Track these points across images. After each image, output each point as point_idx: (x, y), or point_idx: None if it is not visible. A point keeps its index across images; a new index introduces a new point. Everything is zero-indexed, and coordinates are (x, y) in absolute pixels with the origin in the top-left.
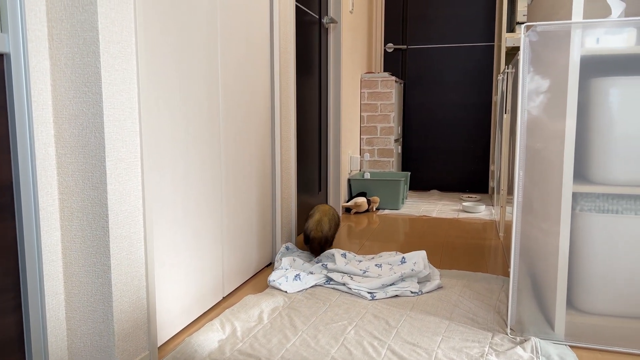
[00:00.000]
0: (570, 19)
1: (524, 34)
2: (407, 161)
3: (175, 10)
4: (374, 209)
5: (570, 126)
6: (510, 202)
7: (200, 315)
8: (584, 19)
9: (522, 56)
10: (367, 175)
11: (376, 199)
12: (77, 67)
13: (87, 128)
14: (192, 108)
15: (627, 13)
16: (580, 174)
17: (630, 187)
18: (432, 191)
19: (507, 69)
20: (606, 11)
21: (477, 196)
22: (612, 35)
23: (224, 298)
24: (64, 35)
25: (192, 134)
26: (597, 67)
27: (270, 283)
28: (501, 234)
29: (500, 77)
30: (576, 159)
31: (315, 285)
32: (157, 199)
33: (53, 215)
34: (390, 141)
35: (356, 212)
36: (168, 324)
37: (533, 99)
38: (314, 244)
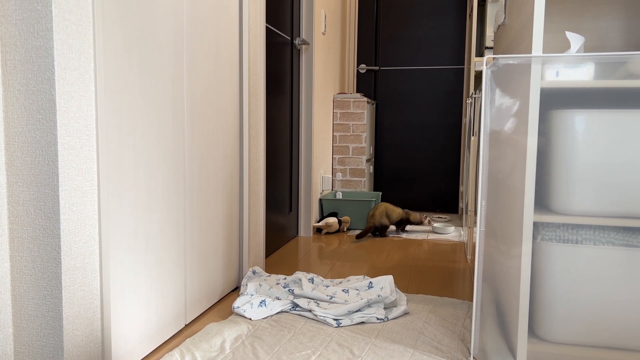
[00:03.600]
0: (531, 52)
1: (485, 66)
2: (379, 181)
3: (139, 34)
4: (345, 229)
5: (531, 157)
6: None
7: (161, 345)
8: (545, 51)
9: (484, 89)
10: (339, 195)
11: (347, 219)
12: (31, 94)
13: (40, 156)
14: (156, 132)
15: (586, 47)
16: (542, 203)
17: (589, 217)
18: None
19: (475, 93)
20: (567, 44)
21: (447, 216)
22: (572, 68)
23: (186, 326)
24: (17, 61)
25: (155, 158)
26: (558, 99)
27: (235, 310)
28: (469, 257)
29: (469, 101)
30: (538, 188)
31: (281, 312)
32: (116, 226)
33: (2, 246)
34: (362, 161)
35: (327, 233)
36: (126, 355)
37: (496, 128)
38: (370, 230)
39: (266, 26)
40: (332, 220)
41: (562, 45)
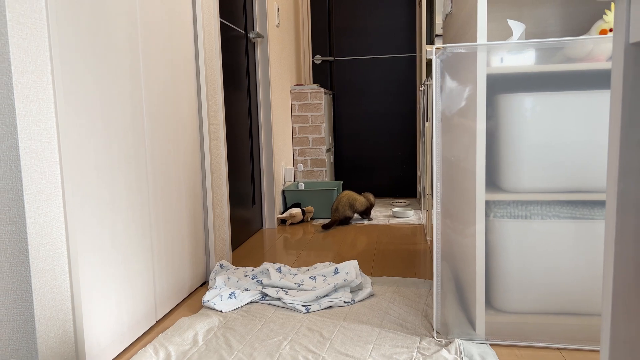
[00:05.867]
0: (477, 41)
1: (435, 55)
2: (339, 170)
3: (94, 36)
4: (309, 219)
5: (480, 140)
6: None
7: (133, 342)
8: (489, 39)
9: (435, 78)
10: (301, 186)
11: (310, 208)
12: None
13: (1, 161)
14: (116, 133)
15: (527, 33)
16: (494, 183)
17: (536, 194)
18: None
19: (428, 80)
20: (509, 31)
21: (407, 201)
22: (515, 55)
23: (157, 322)
24: None
25: (116, 158)
26: (503, 84)
27: (205, 303)
28: (429, 238)
29: (422, 88)
30: (489, 169)
31: (251, 302)
32: (82, 227)
33: None
34: (322, 151)
35: (291, 223)
36: (99, 355)
37: (448, 113)
38: (335, 224)
39: (220, 21)
40: (296, 210)
41: (505, 33)
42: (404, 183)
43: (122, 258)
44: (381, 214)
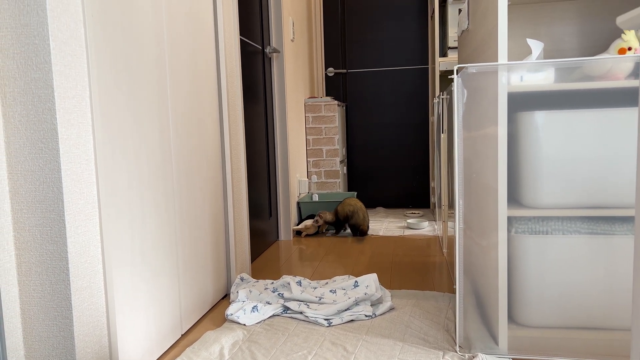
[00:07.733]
0: (497, 60)
1: (456, 75)
2: (352, 181)
3: (126, 59)
4: (324, 230)
5: (502, 157)
6: (451, 217)
7: (161, 356)
8: (508, 57)
9: (456, 96)
10: (316, 197)
11: None
12: (32, 124)
13: (44, 183)
14: (146, 152)
15: (544, 51)
16: (514, 198)
17: (556, 210)
18: (377, 208)
19: (442, 94)
20: (528, 49)
21: (420, 211)
22: (534, 73)
23: (182, 336)
24: (17, 94)
25: (146, 177)
26: (523, 101)
27: (229, 317)
28: (445, 250)
29: (436, 101)
30: (510, 185)
31: (273, 315)
32: (115, 245)
33: (9, 272)
34: (336, 163)
35: (307, 235)
36: None
37: (467, 130)
38: (355, 229)
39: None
40: (311, 222)
41: (523, 50)
42: (417, 194)
43: (151, 273)
44: (395, 225)
